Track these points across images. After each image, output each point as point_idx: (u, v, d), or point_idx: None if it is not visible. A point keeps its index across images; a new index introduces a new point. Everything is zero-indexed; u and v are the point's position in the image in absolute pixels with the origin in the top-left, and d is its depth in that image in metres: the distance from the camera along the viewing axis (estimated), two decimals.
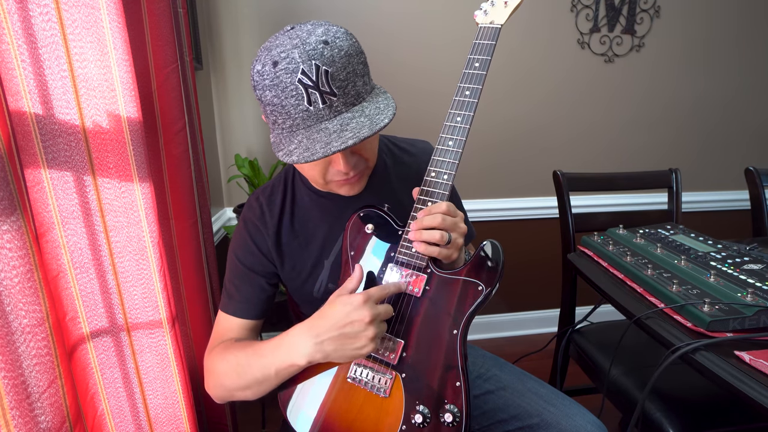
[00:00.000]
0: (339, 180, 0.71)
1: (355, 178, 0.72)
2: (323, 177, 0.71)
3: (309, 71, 0.60)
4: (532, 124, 1.84)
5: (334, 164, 0.68)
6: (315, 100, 0.61)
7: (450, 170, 0.69)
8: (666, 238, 1.04)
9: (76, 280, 0.70)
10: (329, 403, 0.72)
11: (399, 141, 0.90)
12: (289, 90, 0.60)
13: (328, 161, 0.69)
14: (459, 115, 0.70)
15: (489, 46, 0.71)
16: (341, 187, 0.73)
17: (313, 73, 0.60)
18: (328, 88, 0.61)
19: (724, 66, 1.89)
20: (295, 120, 0.62)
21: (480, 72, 0.70)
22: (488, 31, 0.71)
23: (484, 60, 0.70)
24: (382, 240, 0.74)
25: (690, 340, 0.73)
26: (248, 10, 1.58)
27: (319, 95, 0.61)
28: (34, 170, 0.63)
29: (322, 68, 0.60)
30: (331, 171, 0.70)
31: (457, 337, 0.67)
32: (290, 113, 0.62)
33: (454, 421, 0.65)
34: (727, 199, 2.03)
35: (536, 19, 1.72)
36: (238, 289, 0.80)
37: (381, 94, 0.68)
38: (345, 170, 0.68)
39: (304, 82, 0.60)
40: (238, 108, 1.68)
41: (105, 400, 0.78)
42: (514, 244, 1.91)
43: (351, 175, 0.70)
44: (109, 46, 0.67)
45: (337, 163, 0.67)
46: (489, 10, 0.73)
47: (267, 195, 0.83)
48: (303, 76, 0.60)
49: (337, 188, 0.74)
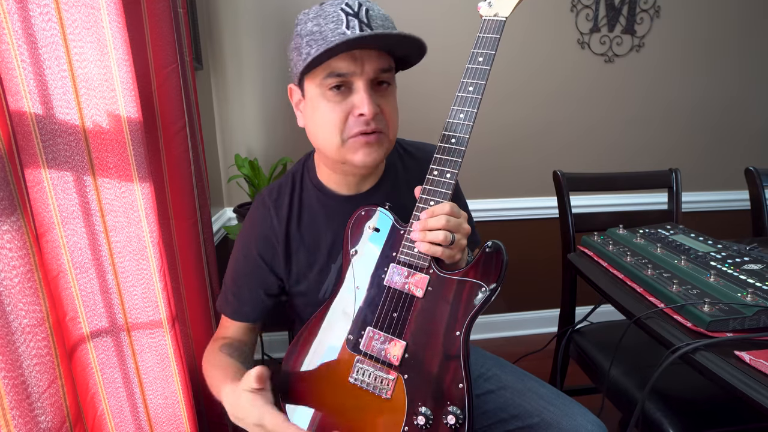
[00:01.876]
0: (358, 133, 0.68)
1: (374, 137, 0.69)
2: (341, 129, 0.68)
3: (352, 4, 0.66)
4: (531, 124, 1.84)
5: (356, 106, 0.67)
6: (353, 26, 0.65)
7: (453, 169, 0.68)
8: (666, 238, 1.04)
9: (76, 280, 0.70)
10: (330, 403, 0.72)
11: (407, 144, 0.89)
12: (330, 17, 0.66)
13: (351, 105, 0.67)
14: (462, 111, 0.69)
15: (493, 39, 0.68)
16: (359, 149, 0.69)
17: (356, 6, 0.66)
18: (366, 20, 0.66)
19: (723, 66, 1.89)
20: (330, 43, 0.63)
21: (484, 67, 0.68)
22: (492, 24, 0.69)
23: (488, 54, 0.68)
24: (383, 240, 0.74)
25: (690, 340, 0.73)
26: (248, 10, 1.58)
27: (357, 23, 0.65)
28: (34, 170, 0.63)
29: (365, 6, 0.67)
30: (351, 121, 0.68)
31: (460, 338, 0.66)
32: (327, 37, 0.65)
33: (457, 423, 0.65)
34: (727, 199, 2.03)
35: (536, 19, 1.72)
36: (237, 293, 0.81)
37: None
38: (369, 108, 0.66)
39: (346, 10, 0.66)
40: (238, 108, 1.67)
41: (105, 400, 0.77)
42: (514, 244, 1.91)
43: (372, 126, 0.68)
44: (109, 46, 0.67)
45: (360, 100, 0.66)
46: (493, 2, 0.69)
47: (273, 198, 0.82)
48: (346, 6, 0.66)
49: (354, 151, 0.70)
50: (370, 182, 0.81)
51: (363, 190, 0.81)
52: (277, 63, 1.64)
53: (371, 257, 0.74)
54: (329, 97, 0.68)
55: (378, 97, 0.69)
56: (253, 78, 1.65)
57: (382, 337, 0.70)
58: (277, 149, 1.72)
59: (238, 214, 1.61)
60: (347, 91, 0.68)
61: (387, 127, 0.71)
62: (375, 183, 0.82)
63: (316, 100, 0.69)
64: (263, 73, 1.65)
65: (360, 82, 0.67)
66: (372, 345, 0.70)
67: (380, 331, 0.70)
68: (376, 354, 0.70)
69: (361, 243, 0.75)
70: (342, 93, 0.68)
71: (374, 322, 0.71)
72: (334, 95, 0.68)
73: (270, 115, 1.70)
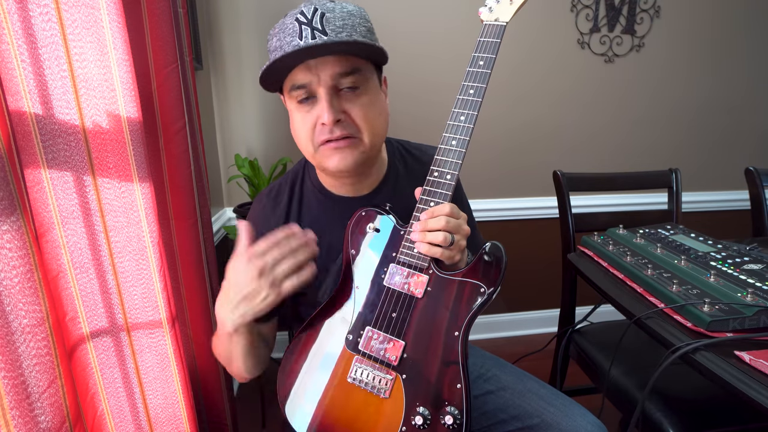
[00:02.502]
0: (325, 140, 0.70)
1: (343, 142, 0.70)
2: (311, 138, 0.70)
3: (307, 12, 0.66)
4: (531, 124, 1.84)
5: (318, 115, 0.68)
6: (306, 36, 0.65)
7: (453, 170, 0.69)
8: (666, 238, 1.04)
9: (76, 280, 0.70)
10: (328, 402, 0.72)
11: (411, 147, 0.89)
12: (288, 29, 0.67)
13: (316, 116, 0.69)
14: (463, 114, 0.69)
15: (494, 43, 0.69)
16: (330, 156, 0.71)
17: (310, 13, 0.66)
18: (320, 27, 0.66)
19: (723, 66, 1.89)
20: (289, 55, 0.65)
21: (485, 70, 0.69)
22: (493, 29, 0.70)
23: (488, 58, 0.69)
24: (383, 240, 0.74)
25: (690, 340, 0.73)
26: (248, 10, 1.58)
27: (309, 31, 0.65)
28: (34, 170, 0.63)
29: (319, 11, 0.66)
30: (317, 129, 0.70)
31: (459, 338, 0.66)
32: (285, 50, 0.66)
33: (455, 423, 0.65)
34: (727, 199, 2.03)
35: (536, 19, 1.72)
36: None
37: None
38: (328, 116, 0.67)
39: (300, 19, 0.66)
40: (238, 108, 1.68)
41: (105, 400, 0.77)
42: (514, 244, 1.91)
43: (336, 133, 0.69)
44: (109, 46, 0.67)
45: (321, 109, 0.68)
46: (494, 7, 0.71)
47: (272, 198, 0.82)
48: (300, 15, 0.66)
49: (327, 157, 0.71)
50: (371, 184, 0.81)
51: (364, 192, 0.81)
52: None
53: (371, 257, 0.74)
54: (299, 108, 0.71)
55: (344, 102, 0.70)
56: (253, 78, 1.65)
57: (381, 336, 0.70)
58: (277, 149, 1.72)
59: (238, 214, 1.61)
60: (313, 101, 0.69)
61: (358, 131, 0.71)
62: (377, 185, 0.82)
63: (292, 112, 0.73)
64: None
65: (321, 90, 0.68)
66: (371, 345, 0.70)
67: (379, 330, 0.71)
68: (374, 354, 0.70)
69: (361, 243, 0.75)
70: (309, 103, 0.70)
71: (373, 321, 0.71)
72: (303, 106, 0.70)
73: (270, 115, 1.70)
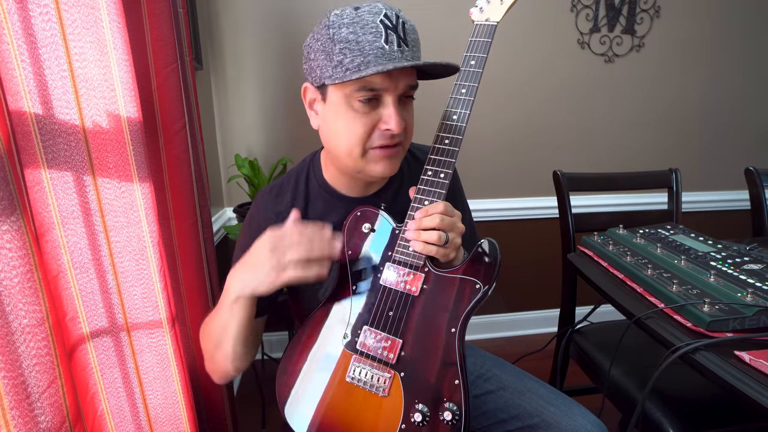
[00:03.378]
0: (382, 146, 0.69)
1: (394, 149, 0.70)
2: (364, 141, 0.68)
3: (391, 16, 0.65)
4: (531, 124, 1.84)
5: (384, 120, 0.67)
6: (392, 41, 0.64)
7: (447, 169, 0.70)
8: (666, 238, 1.04)
9: (76, 280, 0.70)
10: (327, 402, 0.72)
11: (414, 148, 0.89)
12: (368, 27, 0.64)
13: (378, 118, 0.68)
14: (455, 113, 0.70)
15: (485, 43, 0.71)
16: (379, 161, 0.70)
17: (394, 18, 0.65)
18: (403, 35, 0.65)
19: (723, 66, 1.89)
20: (367, 57, 0.63)
21: (476, 70, 0.70)
22: (484, 29, 0.72)
23: (480, 57, 0.70)
24: (379, 239, 0.74)
25: (690, 340, 0.73)
26: (248, 10, 1.59)
27: (396, 38, 0.64)
28: (34, 170, 0.63)
29: (401, 18, 0.66)
30: (376, 134, 0.68)
31: (456, 335, 0.67)
32: (364, 49, 0.63)
33: (454, 419, 0.65)
34: (727, 199, 2.03)
35: (536, 19, 1.72)
36: None
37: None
38: (397, 125, 0.66)
39: (385, 22, 0.64)
40: (238, 108, 1.68)
41: (105, 400, 0.78)
42: (514, 244, 1.91)
43: (395, 140, 0.69)
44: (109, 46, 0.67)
45: (389, 116, 0.66)
46: (485, 8, 0.73)
47: (274, 195, 0.81)
48: (385, 18, 0.64)
49: (375, 163, 0.70)
50: (377, 185, 0.82)
51: (369, 193, 0.81)
52: (277, 63, 1.64)
53: (367, 257, 0.74)
54: (357, 108, 0.67)
55: (403, 111, 0.69)
56: (253, 78, 1.65)
57: (378, 335, 0.70)
58: (277, 149, 1.72)
59: (238, 214, 1.61)
60: (376, 104, 0.68)
61: (406, 139, 0.72)
62: (382, 186, 0.82)
63: (340, 108, 0.69)
64: (263, 73, 1.65)
65: (390, 97, 0.67)
66: (369, 344, 0.71)
67: (377, 329, 0.71)
68: (372, 352, 0.70)
69: (357, 243, 0.75)
70: (371, 105, 0.67)
71: (370, 321, 0.71)
72: (363, 106, 0.67)
73: (270, 115, 1.70)
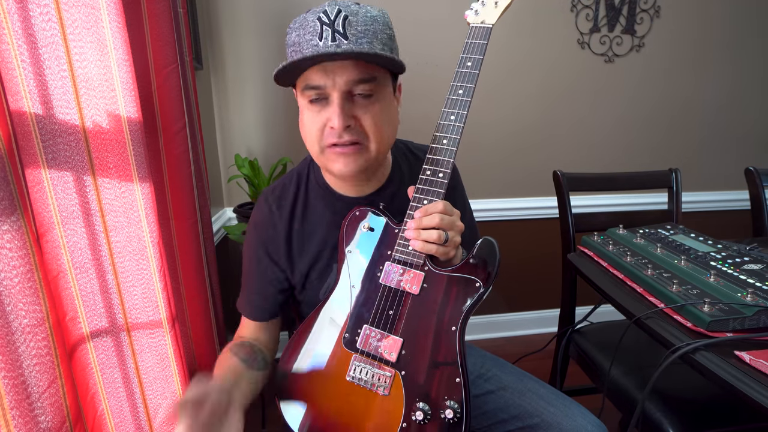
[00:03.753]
0: (332, 144, 0.69)
1: (350, 148, 0.69)
2: (319, 139, 0.69)
3: (330, 12, 0.65)
4: (531, 124, 1.84)
5: (329, 118, 0.68)
6: (326, 37, 0.65)
7: (445, 168, 0.70)
8: (666, 238, 1.04)
9: (76, 280, 0.70)
10: (327, 402, 0.72)
11: (414, 147, 0.89)
12: (308, 27, 0.66)
13: (326, 118, 0.68)
14: (453, 113, 0.71)
15: (481, 45, 0.72)
16: (335, 160, 0.70)
17: (333, 14, 0.65)
18: (341, 30, 0.65)
19: (724, 66, 1.89)
20: (306, 54, 0.64)
21: (472, 71, 0.71)
22: (479, 31, 0.72)
23: (476, 59, 0.71)
24: (378, 239, 0.74)
25: (690, 340, 0.73)
26: (248, 10, 1.58)
27: (330, 33, 0.64)
28: (34, 170, 0.63)
29: (343, 13, 0.65)
30: (326, 132, 0.69)
31: (456, 333, 0.67)
32: (303, 49, 0.66)
33: (455, 417, 0.65)
34: (727, 199, 2.03)
35: (536, 19, 1.72)
36: (249, 291, 0.84)
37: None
38: (338, 121, 0.66)
39: (322, 19, 0.65)
40: (238, 108, 1.67)
41: (105, 400, 0.78)
42: (514, 244, 1.91)
43: (344, 138, 0.68)
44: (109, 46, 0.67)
45: (332, 112, 0.66)
46: (480, 10, 0.73)
47: (276, 196, 0.82)
48: (323, 14, 0.65)
49: (333, 161, 0.71)
50: (375, 184, 0.82)
51: (368, 192, 0.81)
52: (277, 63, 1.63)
53: (366, 256, 0.74)
54: (309, 108, 0.70)
55: (356, 108, 0.68)
56: (253, 78, 1.65)
57: (378, 334, 0.71)
58: (277, 149, 1.72)
59: (238, 214, 1.61)
60: (325, 102, 0.68)
61: (366, 138, 0.70)
62: (381, 185, 0.82)
63: (302, 109, 0.72)
64: (263, 73, 1.65)
65: (334, 94, 0.67)
66: (369, 343, 0.71)
67: (376, 328, 0.71)
68: (372, 351, 0.70)
69: (356, 242, 0.76)
70: (320, 104, 0.68)
71: (370, 320, 0.71)
72: (313, 106, 0.69)
73: (270, 115, 1.70)
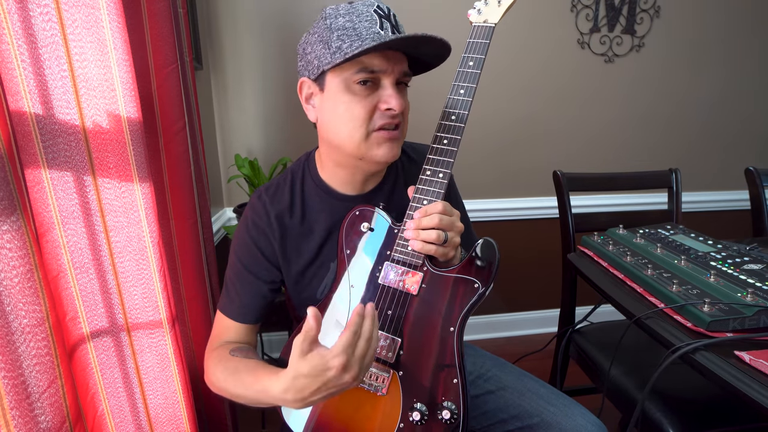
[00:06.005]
0: (382, 126, 0.69)
1: (395, 132, 0.71)
2: (366, 123, 0.69)
3: (383, 7, 0.70)
4: (531, 124, 1.84)
5: (384, 100, 0.69)
6: (386, 28, 0.68)
7: (446, 169, 0.70)
8: (666, 238, 1.04)
9: (76, 280, 0.70)
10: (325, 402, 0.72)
11: (407, 146, 0.88)
12: (363, 15, 0.68)
13: (377, 99, 0.69)
14: (454, 113, 0.71)
15: (483, 44, 0.72)
16: (382, 144, 0.70)
17: (386, 9, 0.70)
18: (395, 23, 0.70)
19: (724, 66, 1.89)
20: (365, 40, 0.66)
21: (474, 71, 0.71)
22: (482, 30, 0.72)
23: (478, 58, 0.71)
24: (378, 239, 0.74)
25: (690, 340, 0.73)
26: (248, 10, 1.58)
27: (390, 25, 0.68)
28: (34, 170, 0.63)
29: (392, 11, 0.71)
30: (377, 115, 0.69)
31: (454, 334, 0.67)
32: (361, 34, 0.67)
33: (452, 418, 0.65)
34: (727, 199, 2.03)
35: (536, 19, 1.72)
36: (238, 292, 0.80)
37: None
38: (398, 103, 0.68)
39: (378, 12, 0.68)
40: (238, 108, 1.67)
41: (105, 400, 0.77)
42: (514, 244, 1.91)
43: (396, 120, 0.70)
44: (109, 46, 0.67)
45: (389, 95, 0.68)
46: (483, 9, 0.73)
47: (271, 194, 0.80)
48: (378, 9, 0.69)
49: (378, 146, 0.70)
50: (373, 182, 0.81)
51: (366, 191, 0.81)
52: (277, 63, 1.64)
53: (366, 256, 0.74)
54: (356, 91, 0.69)
55: (400, 95, 0.71)
56: (253, 78, 1.65)
57: None
58: (277, 149, 1.72)
59: (238, 214, 1.61)
60: (374, 87, 0.69)
61: (404, 125, 0.73)
62: (378, 183, 0.82)
63: (339, 94, 0.70)
64: (263, 73, 1.65)
65: (388, 80, 0.69)
66: None
67: None
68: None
69: (356, 242, 0.75)
70: (370, 88, 0.69)
71: None
72: (362, 89, 0.68)
73: (270, 115, 1.70)
